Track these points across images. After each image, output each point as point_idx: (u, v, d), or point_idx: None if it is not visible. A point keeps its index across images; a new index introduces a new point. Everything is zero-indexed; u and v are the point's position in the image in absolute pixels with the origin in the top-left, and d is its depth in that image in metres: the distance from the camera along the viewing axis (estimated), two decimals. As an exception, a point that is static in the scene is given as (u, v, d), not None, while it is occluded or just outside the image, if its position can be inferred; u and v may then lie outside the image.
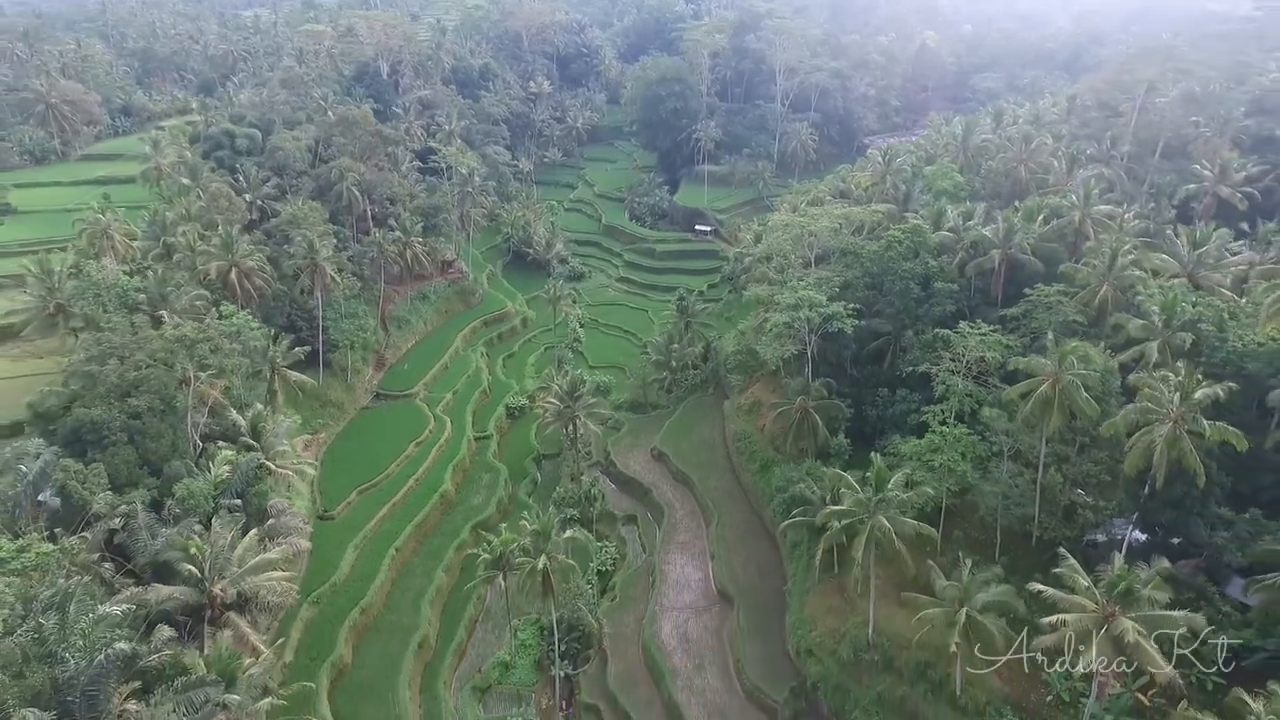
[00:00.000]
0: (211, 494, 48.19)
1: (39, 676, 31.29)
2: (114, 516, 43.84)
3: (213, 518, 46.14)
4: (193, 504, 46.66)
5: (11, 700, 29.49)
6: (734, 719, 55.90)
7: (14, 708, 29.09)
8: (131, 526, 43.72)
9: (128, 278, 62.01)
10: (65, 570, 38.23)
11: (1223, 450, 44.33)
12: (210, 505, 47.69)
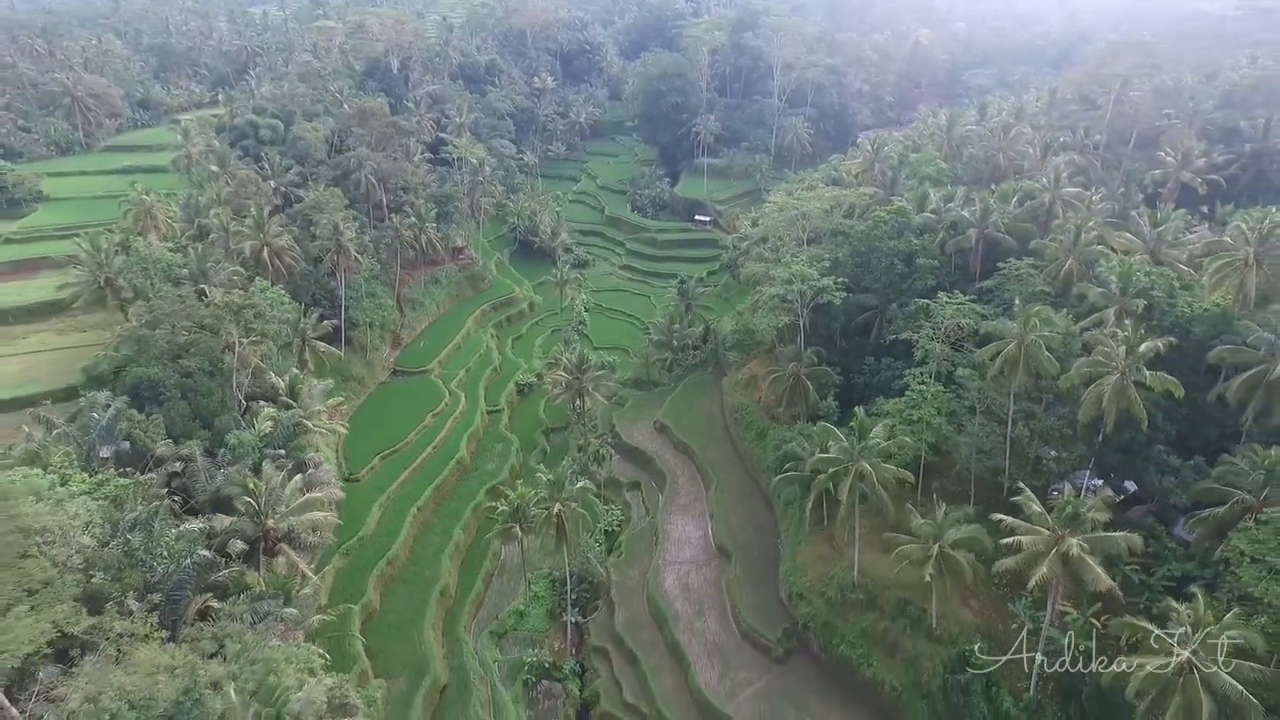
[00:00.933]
0: (258, 445, 53.54)
1: (134, 577, 36.59)
2: (175, 460, 49.20)
3: (261, 464, 51.45)
4: (242, 452, 52.01)
5: (115, 593, 34.81)
6: (732, 657, 61.32)
7: (120, 599, 34.39)
8: (191, 469, 49.07)
9: (171, 254, 67.42)
10: (139, 501, 43.51)
11: (1168, 403, 49.87)
12: (257, 455, 53.02)
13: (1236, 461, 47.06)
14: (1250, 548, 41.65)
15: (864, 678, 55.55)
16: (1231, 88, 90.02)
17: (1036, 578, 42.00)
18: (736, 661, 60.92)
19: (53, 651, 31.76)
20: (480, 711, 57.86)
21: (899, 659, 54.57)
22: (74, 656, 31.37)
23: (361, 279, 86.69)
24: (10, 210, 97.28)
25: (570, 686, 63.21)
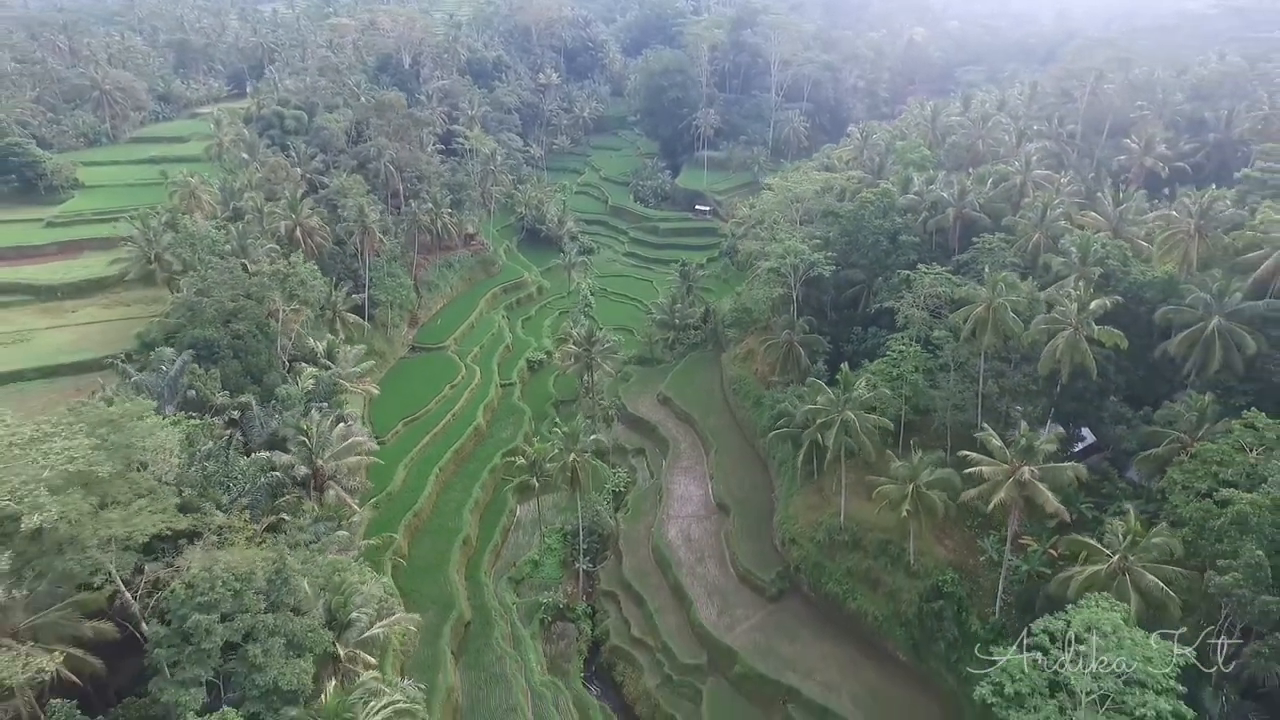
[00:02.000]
0: (303, 398, 59.92)
1: (215, 494, 42.99)
2: (234, 408, 55.60)
3: (309, 413, 57.84)
4: (290, 404, 58.36)
5: (202, 505, 41.23)
6: (730, 597, 67.81)
7: (209, 510, 40.79)
8: (248, 415, 55.44)
9: (216, 230, 73.82)
10: (208, 438, 49.88)
11: (1118, 356, 56.42)
12: (303, 407, 59.39)
13: (1176, 407, 53.58)
14: (1182, 478, 48.14)
15: (849, 611, 62.08)
16: (1199, 82, 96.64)
17: (995, 502, 48.51)
18: (734, 600, 67.42)
19: (161, 548, 38.13)
20: (502, 643, 64.40)
21: (880, 592, 61.08)
22: (182, 545, 37.66)
23: (383, 260, 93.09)
24: (49, 196, 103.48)
25: (583, 625, 69.79)
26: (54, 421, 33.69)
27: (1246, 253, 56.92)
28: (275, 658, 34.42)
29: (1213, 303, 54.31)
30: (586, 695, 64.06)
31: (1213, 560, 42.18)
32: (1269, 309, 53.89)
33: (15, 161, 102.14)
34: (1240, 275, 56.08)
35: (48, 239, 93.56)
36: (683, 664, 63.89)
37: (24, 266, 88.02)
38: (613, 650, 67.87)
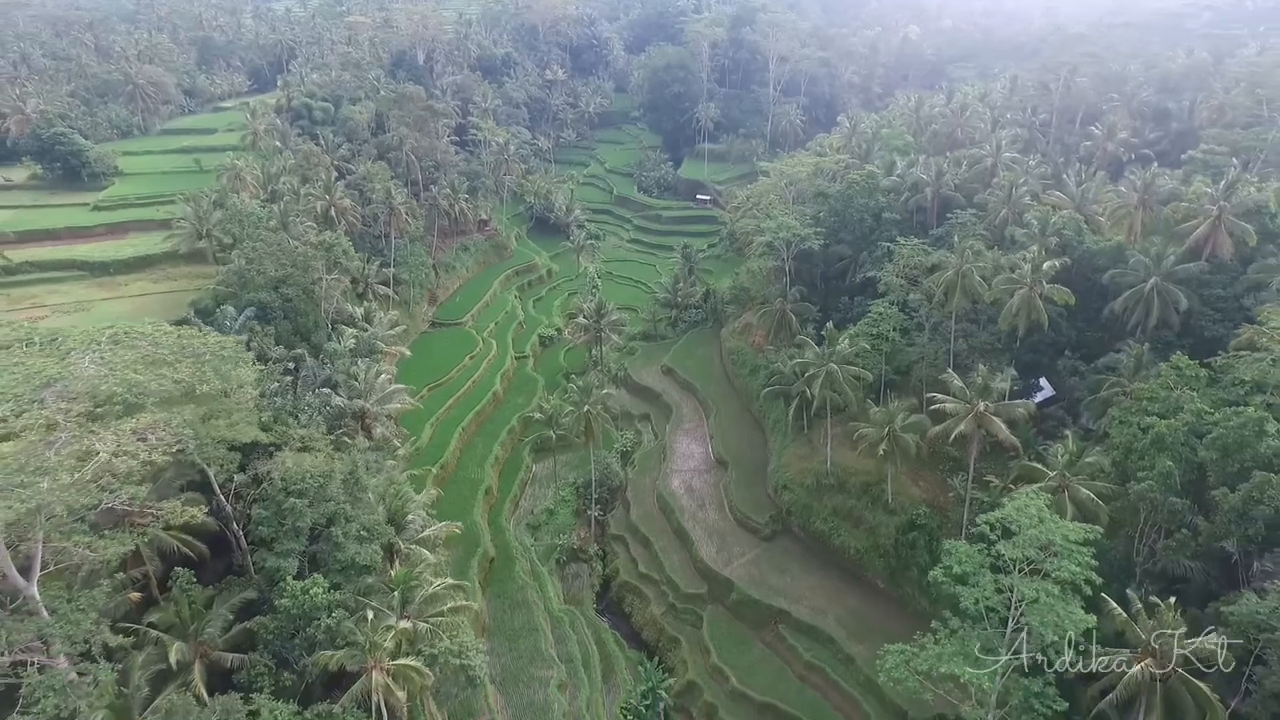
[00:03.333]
0: (348, 354, 67.94)
1: (287, 420, 50.98)
2: (289, 360, 63.58)
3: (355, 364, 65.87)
4: (337, 358, 66.40)
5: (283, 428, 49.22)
6: (728, 537, 75.85)
7: (290, 427, 48.78)
8: (303, 366, 63.36)
9: (261, 208, 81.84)
10: (271, 381, 57.81)
11: (1069, 313, 64.45)
12: (349, 361, 67.40)
13: (1118, 357, 61.60)
14: (1119, 414, 56.06)
15: (834, 546, 70.08)
16: (1166, 76, 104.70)
17: (956, 432, 56.55)
18: (732, 540, 75.48)
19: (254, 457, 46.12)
20: (523, 576, 72.43)
21: (862, 529, 69.01)
22: (272, 452, 45.52)
23: (406, 241, 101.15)
24: (91, 183, 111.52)
25: (594, 565, 77.92)
26: (169, 343, 41.22)
27: (1183, 222, 64.85)
28: (352, 540, 42.30)
29: (1152, 265, 62.28)
30: (599, 621, 72.17)
31: (1134, 474, 50.13)
32: (1199, 270, 61.91)
33: (61, 150, 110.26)
34: (1177, 242, 64.00)
35: (96, 221, 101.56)
36: (685, 594, 71.98)
37: (77, 245, 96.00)
38: (622, 585, 75.99)
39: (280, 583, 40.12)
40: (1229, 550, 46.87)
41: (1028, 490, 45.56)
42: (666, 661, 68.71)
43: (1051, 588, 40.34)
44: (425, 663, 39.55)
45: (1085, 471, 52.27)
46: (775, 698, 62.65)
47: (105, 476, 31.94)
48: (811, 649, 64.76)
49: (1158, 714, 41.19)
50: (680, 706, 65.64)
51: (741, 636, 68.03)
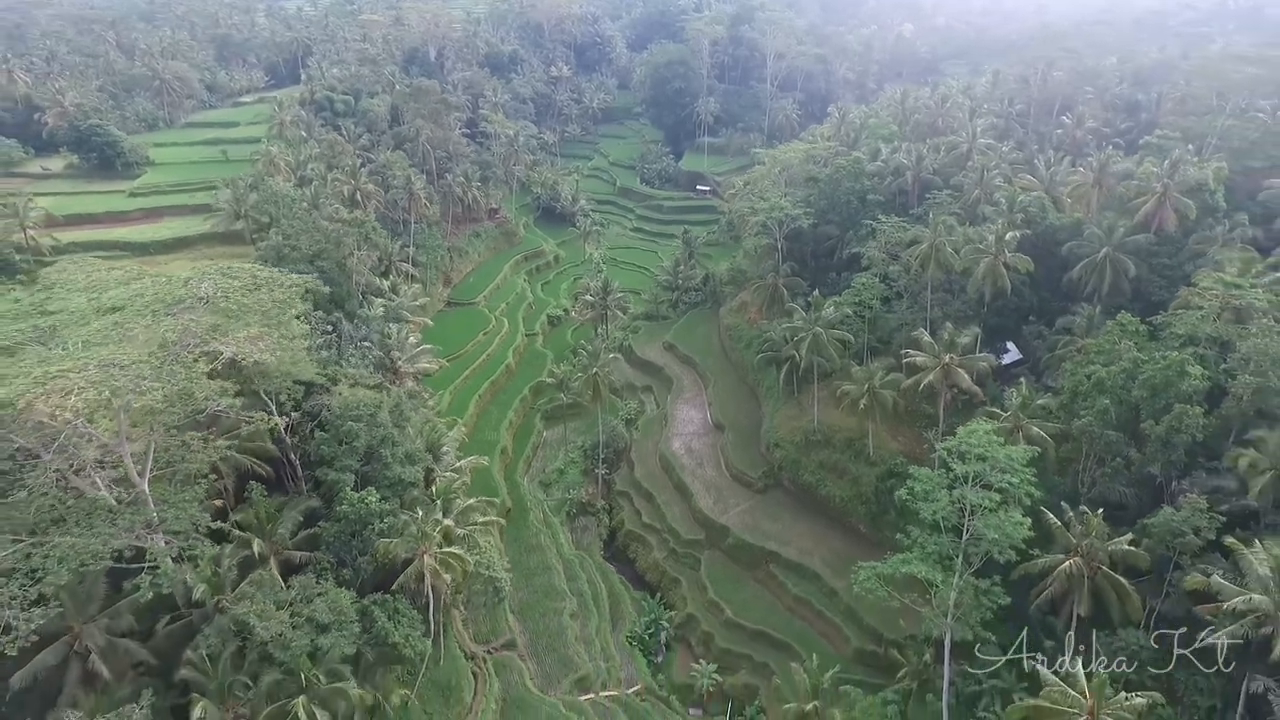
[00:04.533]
0: (379, 318, 75.61)
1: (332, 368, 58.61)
2: (328, 323, 71.24)
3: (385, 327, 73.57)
4: (371, 322, 74.12)
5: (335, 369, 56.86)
6: (724, 491, 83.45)
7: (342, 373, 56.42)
8: (340, 327, 71.10)
9: (294, 191, 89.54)
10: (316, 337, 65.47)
11: (1031, 280, 72.05)
12: (381, 325, 75.08)
13: (1074, 318, 69.20)
14: (1071, 366, 63.64)
15: (821, 495, 77.62)
16: (1139, 70, 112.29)
17: (925, 383, 64.17)
18: (728, 493, 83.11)
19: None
20: (537, 524, 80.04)
21: (846, 479, 76.53)
22: (326, 388, 53.06)
23: (424, 225, 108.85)
24: (125, 172, 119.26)
25: (601, 518, 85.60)
26: (264, 276, 48.60)
27: (1134, 199, 72.35)
28: (398, 462, 49.75)
29: (1104, 237, 69.86)
30: (606, 566, 79.85)
31: (1078, 414, 57.72)
32: (1147, 241, 69.52)
33: (97, 141, 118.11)
34: (1128, 216, 71.52)
35: (132, 206, 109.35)
36: (685, 540, 79.66)
37: (116, 229, 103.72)
38: (627, 534, 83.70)
39: (340, 493, 47.71)
40: (1155, 475, 54.43)
41: (978, 420, 53.14)
42: (668, 599, 76.61)
43: (994, 496, 47.97)
44: (466, 547, 47.30)
45: (1036, 413, 59.87)
46: (766, 626, 70.37)
47: (213, 388, 39.58)
48: (799, 585, 72.42)
49: (1086, 604, 48.73)
50: (680, 636, 73.54)
51: (736, 576, 75.70)
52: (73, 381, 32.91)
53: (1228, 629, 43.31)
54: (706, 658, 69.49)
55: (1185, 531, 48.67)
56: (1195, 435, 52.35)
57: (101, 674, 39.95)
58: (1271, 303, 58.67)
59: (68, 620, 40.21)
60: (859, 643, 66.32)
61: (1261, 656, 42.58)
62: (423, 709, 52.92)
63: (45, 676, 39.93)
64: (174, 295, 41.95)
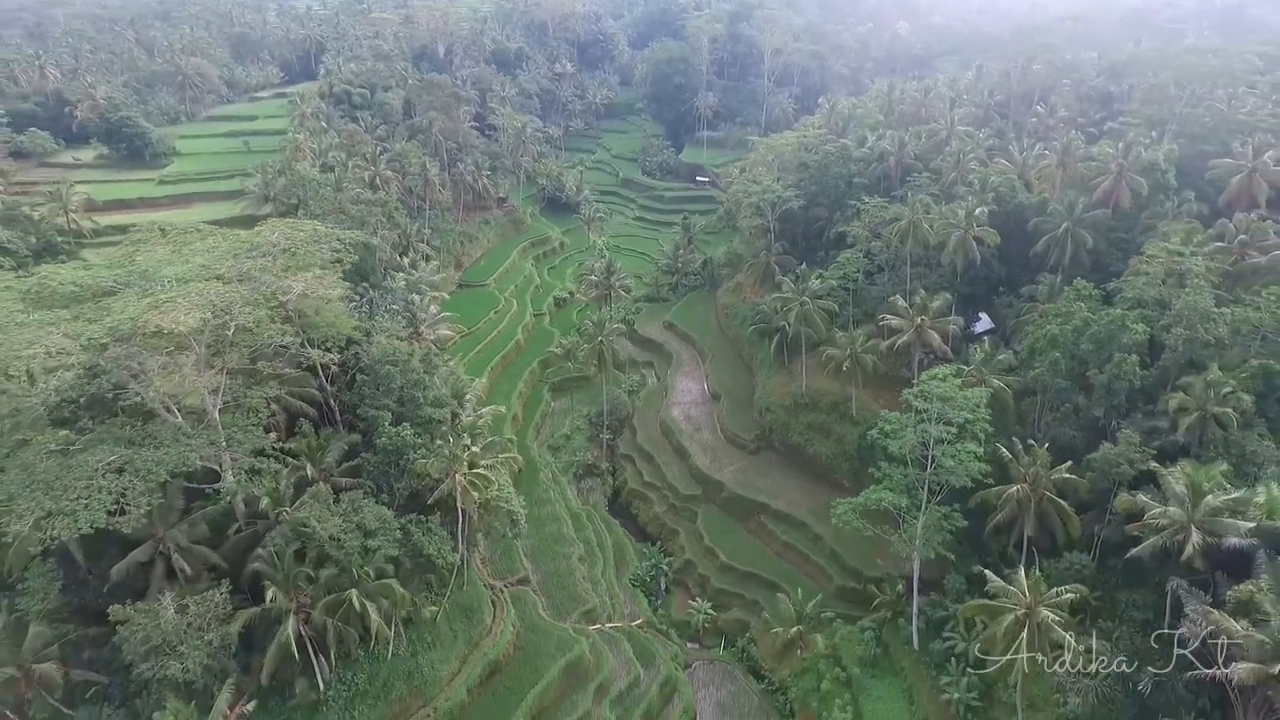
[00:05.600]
0: (402, 289, 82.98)
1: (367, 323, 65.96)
2: (356, 293, 78.52)
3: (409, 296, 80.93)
4: (395, 291, 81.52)
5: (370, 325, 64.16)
6: (719, 451, 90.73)
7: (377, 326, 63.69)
8: (366, 296, 78.39)
9: (321, 174, 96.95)
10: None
11: (1000, 253, 79.33)
12: (404, 296, 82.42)
13: (1037, 287, 76.46)
14: (1033, 329, 70.84)
15: (808, 454, 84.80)
16: (1114, 64, 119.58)
17: (900, 343, 71.46)
18: (723, 454, 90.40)
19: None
20: (547, 481, 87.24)
21: (831, 438, 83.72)
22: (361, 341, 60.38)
23: (438, 211, 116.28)
24: (152, 162, 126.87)
25: (605, 478, 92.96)
26: (323, 231, 55.82)
27: (1094, 179, 79.59)
28: (428, 404, 57.03)
29: (1065, 213, 77.08)
30: (610, 519, 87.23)
31: (1034, 366, 64.99)
32: (1104, 217, 76.76)
33: (127, 132, 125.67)
34: (1088, 194, 78.71)
35: (162, 193, 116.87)
36: (683, 495, 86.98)
37: (149, 213, 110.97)
38: (629, 492, 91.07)
39: (379, 428, 55.01)
40: (1100, 418, 61.65)
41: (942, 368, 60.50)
42: (667, 548, 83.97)
43: (953, 429, 55.28)
44: (489, 469, 54.73)
45: (997, 368, 67.14)
46: (756, 568, 77.66)
47: (275, 329, 46.99)
48: (787, 532, 79.70)
49: (1033, 525, 56.01)
50: (678, 580, 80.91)
51: (730, 526, 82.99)
52: (181, 305, 40.10)
53: (1151, 540, 50.50)
54: (702, 597, 76.78)
55: (1121, 463, 55.83)
56: (1134, 381, 59.58)
57: (183, 570, 47.33)
58: (1209, 268, 65.87)
59: (153, 527, 47.54)
60: (840, 580, 73.51)
61: (1179, 562, 49.73)
62: (449, 625, 60.21)
63: (135, 572, 47.33)
64: (250, 243, 49.23)
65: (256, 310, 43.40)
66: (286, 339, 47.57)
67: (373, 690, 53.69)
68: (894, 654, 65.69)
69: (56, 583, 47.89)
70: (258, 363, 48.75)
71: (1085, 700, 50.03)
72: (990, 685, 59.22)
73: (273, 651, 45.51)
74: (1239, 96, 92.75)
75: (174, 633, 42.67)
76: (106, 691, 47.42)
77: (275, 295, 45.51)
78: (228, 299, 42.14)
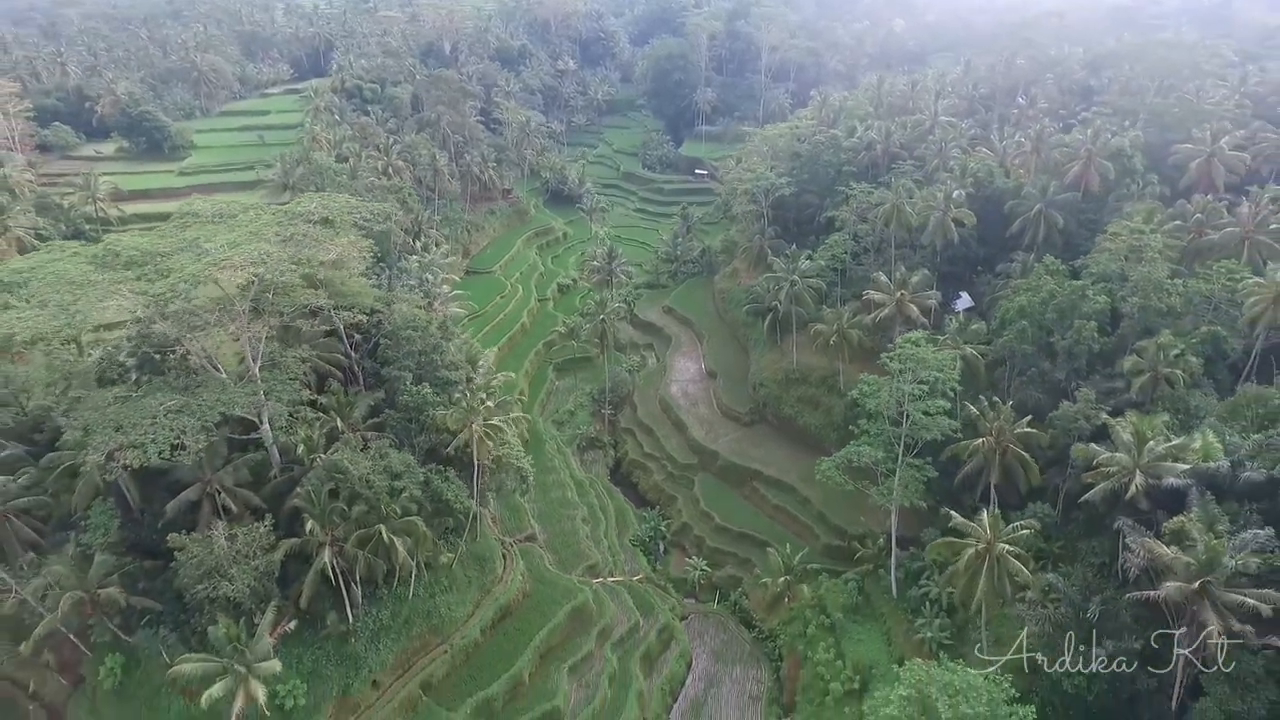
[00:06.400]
0: (416, 270, 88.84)
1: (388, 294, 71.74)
2: (375, 271, 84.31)
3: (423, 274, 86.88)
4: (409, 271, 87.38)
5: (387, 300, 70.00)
6: (715, 424, 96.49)
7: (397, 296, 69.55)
8: (383, 274, 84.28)
9: (337, 164, 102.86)
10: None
11: (977, 234, 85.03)
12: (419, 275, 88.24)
13: (1011, 265, 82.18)
14: (1007, 302, 76.55)
15: (798, 425, 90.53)
16: (1095, 58, 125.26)
17: (882, 316, 77.22)
18: (719, 427, 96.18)
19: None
20: (551, 453, 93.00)
21: (819, 410, 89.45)
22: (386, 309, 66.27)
23: (447, 201, 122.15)
24: (171, 154, 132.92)
25: (607, 451, 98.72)
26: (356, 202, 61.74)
27: (1066, 164, 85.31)
28: (444, 367, 62.60)
29: (1038, 196, 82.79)
30: (612, 486, 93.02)
31: (1003, 335, 70.71)
32: (1074, 199, 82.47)
33: (147, 126, 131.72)
34: (1060, 178, 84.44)
35: (183, 184, 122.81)
36: (681, 464, 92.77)
37: (171, 203, 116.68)
38: (630, 463, 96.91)
39: (400, 386, 60.87)
40: (1062, 381, 67.36)
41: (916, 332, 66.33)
42: (665, 513, 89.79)
43: (924, 386, 61.07)
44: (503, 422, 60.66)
45: (970, 336, 72.89)
46: (749, 529, 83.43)
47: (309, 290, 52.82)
48: (778, 496, 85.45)
49: (997, 474, 61.77)
50: (676, 542, 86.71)
51: (724, 492, 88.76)
52: (236, 262, 45.89)
53: (1102, 485, 56.19)
54: (698, 556, 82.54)
55: (1079, 419, 61.57)
56: (1093, 346, 65.34)
57: (229, 508, 53.17)
58: (1166, 244, 71.57)
59: (202, 470, 53.37)
60: (826, 539, 79.21)
61: (1125, 502, 55.36)
62: (464, 572, 66.04)
63: (186, 511, 53.16)
64: (291, 213, 55.12)
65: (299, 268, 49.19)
66: (320, 301, 53.32)
67: (395, 625, 59.59)
68: (874, 602, 71.41)
69: (115, 520, 53.83)
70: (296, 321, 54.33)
71: (1041, 628, 55.63)
72: (961, 627, 65.09)
73: (310, 577, 51.31)
74: (1206, 89, 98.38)
75: (225, 558, 48.43)
76: (160, 617, 53.25)
77: (314, 257, 51.27)
78: (274, 258, 47.92)
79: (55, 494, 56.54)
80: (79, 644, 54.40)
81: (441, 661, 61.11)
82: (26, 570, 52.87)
